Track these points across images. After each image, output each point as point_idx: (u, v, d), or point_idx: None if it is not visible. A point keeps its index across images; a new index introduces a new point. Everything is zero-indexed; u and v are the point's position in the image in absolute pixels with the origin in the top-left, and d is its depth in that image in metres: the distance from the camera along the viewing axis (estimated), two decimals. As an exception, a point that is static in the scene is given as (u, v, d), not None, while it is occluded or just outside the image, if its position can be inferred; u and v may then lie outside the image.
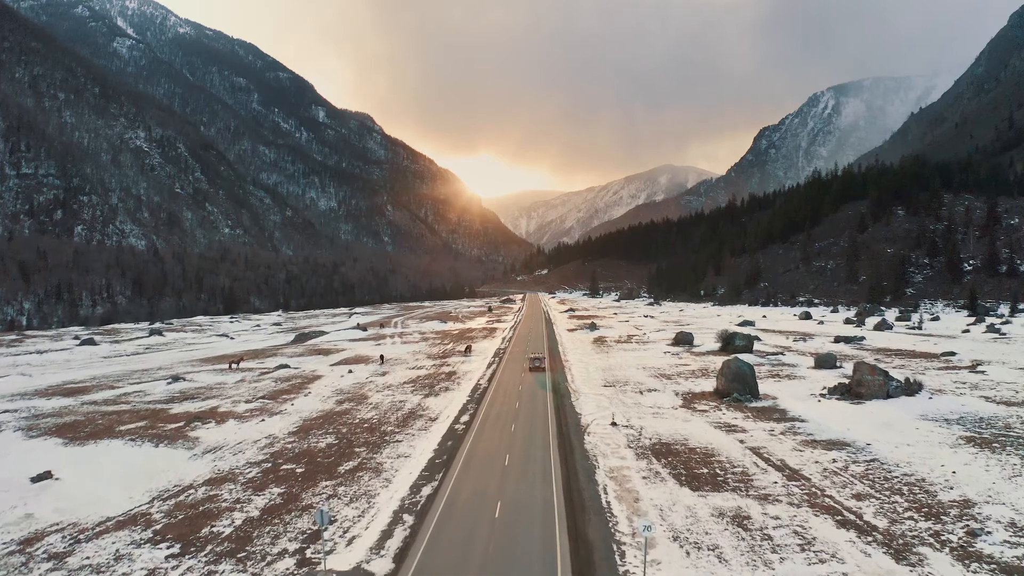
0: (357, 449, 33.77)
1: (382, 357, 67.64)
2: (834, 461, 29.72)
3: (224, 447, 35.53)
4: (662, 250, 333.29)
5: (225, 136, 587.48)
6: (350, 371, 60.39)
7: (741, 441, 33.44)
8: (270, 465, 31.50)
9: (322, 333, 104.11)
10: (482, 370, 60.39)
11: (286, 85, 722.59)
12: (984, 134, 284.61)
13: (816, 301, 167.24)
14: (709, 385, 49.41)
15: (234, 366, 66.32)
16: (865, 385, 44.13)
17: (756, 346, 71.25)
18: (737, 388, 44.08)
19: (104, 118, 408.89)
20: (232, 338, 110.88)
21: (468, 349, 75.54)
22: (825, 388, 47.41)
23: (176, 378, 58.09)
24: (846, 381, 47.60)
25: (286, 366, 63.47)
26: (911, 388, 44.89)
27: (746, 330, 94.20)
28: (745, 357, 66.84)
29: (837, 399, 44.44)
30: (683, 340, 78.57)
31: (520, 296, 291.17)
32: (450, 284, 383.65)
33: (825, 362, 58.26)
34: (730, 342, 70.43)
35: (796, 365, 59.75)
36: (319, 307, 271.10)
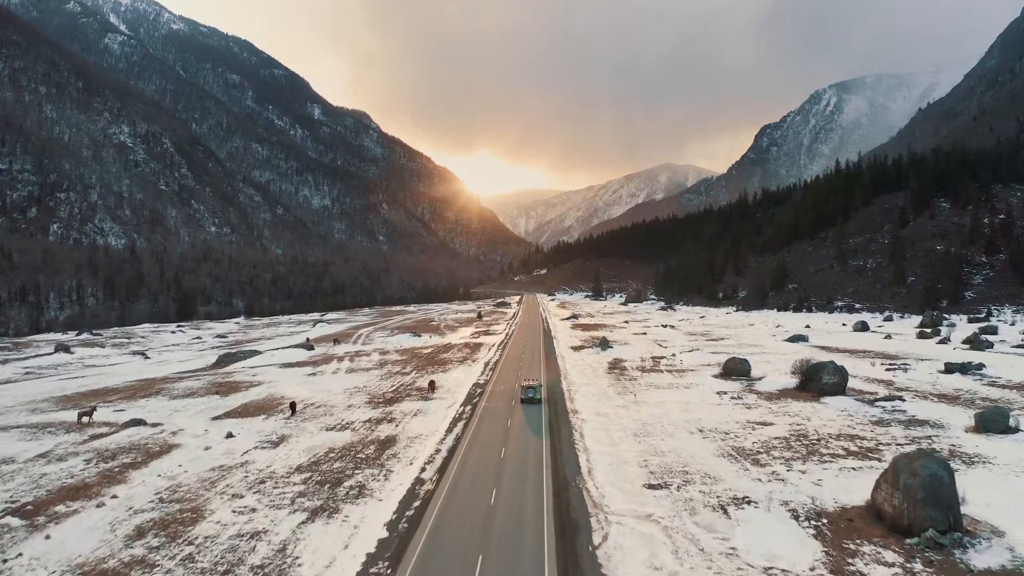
0: None
1: (293, 406, 44.66)
2: None
3: None
4: (668, 248, 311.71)
5: (217, 133, 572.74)
6: (230, 434, 37.81)
7: None
8: None
9: (255, 353, 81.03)
10: (440, 434, 37.65)
11: (281, 82, 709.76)
12: (1005, 126, 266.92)
13: (858, 306, 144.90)
14: (842, 487, 26.67)
15: (85, 419, 44.14)
16: None
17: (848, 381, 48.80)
18: (933, 517, 21.51)
19: (87, 113, 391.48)
20: (148, 357, 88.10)
21: (432, 386, 52.85)
22: (1070, 498, 25.11)
23: (-56, 449, 35.78)
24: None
25: (140, 422, 40.81)
26: None
27: (805, 350, 72.09)
28: (840, 402, 44.37)
29: (1125, 534, 22.07)
30: (736, 371, 55.86)
31: (517, 299, 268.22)
32: (444, 284, 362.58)
33: (994, 423, 35.76)
34: (813, 377, 47.85)
35: (942, 425, 37.13)
36: (306, 310, 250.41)
